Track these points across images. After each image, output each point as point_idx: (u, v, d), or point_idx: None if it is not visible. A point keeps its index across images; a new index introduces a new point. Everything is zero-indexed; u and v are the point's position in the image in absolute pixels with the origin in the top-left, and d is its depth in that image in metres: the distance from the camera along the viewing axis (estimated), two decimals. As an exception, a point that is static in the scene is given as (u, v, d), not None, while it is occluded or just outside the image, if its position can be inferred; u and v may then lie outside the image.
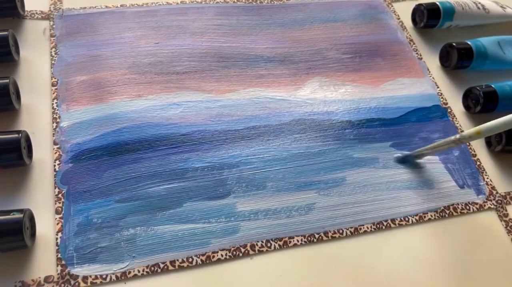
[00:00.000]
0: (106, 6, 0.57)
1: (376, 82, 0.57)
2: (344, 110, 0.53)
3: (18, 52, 0.51)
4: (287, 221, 0.44)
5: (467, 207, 0.49)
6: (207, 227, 0.43)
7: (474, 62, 0.58)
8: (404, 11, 0.66)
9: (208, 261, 0.41)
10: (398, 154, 0.51)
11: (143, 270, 0.40)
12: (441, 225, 0.47)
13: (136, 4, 0.58)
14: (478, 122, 0.55)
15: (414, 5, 0.64)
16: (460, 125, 0.55)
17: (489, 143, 0.54)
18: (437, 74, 0.60)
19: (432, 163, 0.51)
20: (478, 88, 0.55)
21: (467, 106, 0.57)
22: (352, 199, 0.47)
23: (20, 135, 0.42)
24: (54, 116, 0.47)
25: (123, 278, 0.39)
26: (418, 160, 0.50)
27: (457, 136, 0.44)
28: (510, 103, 0.54)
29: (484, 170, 0.52)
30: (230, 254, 0.42)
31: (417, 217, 0.47)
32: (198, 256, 0.41)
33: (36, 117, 0.47)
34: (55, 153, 0.45)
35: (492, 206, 0.49)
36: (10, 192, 0.43)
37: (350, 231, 0.45)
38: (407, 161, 0.50)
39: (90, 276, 0.39)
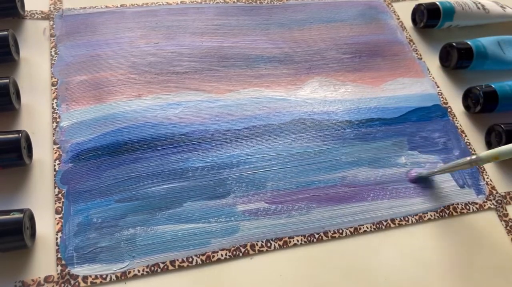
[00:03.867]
0: (106, 6, 0.57)
1: (376, 82, 0.57)
2: (344, 110, 0.53)
3: (18, 52, 0.51)
4: (287, 221, 0.44)
5: (467, 207, 0.49)
6: (207, 227, 0.43)
7: (474, 62, 0.58)
8: (404, 11, 0.66)
9: (208, 261, 0.41)
10: (413, 173, 0.50)
11: (143, 270, 0.40)
12: (441, 225, 0.47)
13: (136, 4, 0.58)
14: (478, 122, 0.55)
15: (414, 5, 0.64)
16: (460, 125, 0.55)
17: (489, 143, 0.54)
18: (437, 74, 0.60)
19: (433, 163, 0.51)
20: (478, 88, 0.55)
21: (467, 106, 0.57)
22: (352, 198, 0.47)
23: (20, 135, 0.42)
24: (54, 116, 0.47)
25: (123, 278, 0.39)
26: (432, 178, 0.50)
27: (474, 157, 0.43)
28: (510, 103, 0.54)
29: (484, 170, 0.52)
30: (230, 254, 0.42)
31: (417, 217, 0.47)
32: (198, 256, 0.41)
33: (36, 117, 0.47)
34: (55, 153, 0.45)
35: (492, 206, 0.49)
36: (10, 192, 0.43)
37: (350, 231, 0.45)
38: (421, 181, 0.49)
39: (90, 276, 0.39)
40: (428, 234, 0.46)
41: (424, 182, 0.49)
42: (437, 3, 0.62)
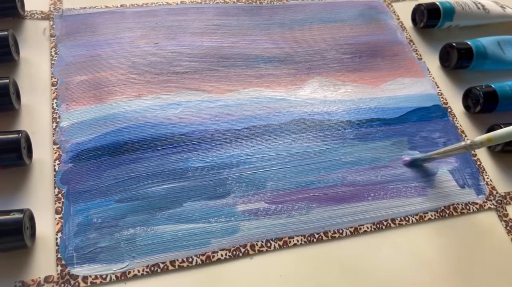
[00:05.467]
0: (106, 6, 0.57)
1: (376, 82, 0.57)
2: (344, 110, 0.53)
3: (18, 52, 0.51)
4: (287, 220, 0.44)
5: (467, 207, 0.49)
6: (207, 227, 0.43)
7: (474, 62, 0.58)
8: (404, 11, 0.66)
9: (208, 261, 0.41)
10: (406, 157, 0.50)
11: (143, 270, 0.40)
12: (441, 225, 0.47)
13: (136, 4, 0.58)
14: (478, 122, 0.55)
15: (414, 5, 0.64)
16: (460, 125, 0.55)
17: (489, 143, 0.54)
18: (437, 74, 0.60)
19: (433, 163, 0.51)
20: (478, 88, 0.55)
21: (467, 106, 0.57)
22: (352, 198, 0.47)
23: (20, 135, 0.42)
24: (54, 116, 0.47)
25: (123, 278, 0.39)
26: (426, 164, 0.50)
27: (468, 141, 0.44)
28: (510, 103, 0.54)
29: (484, 170, 0.52)
30: (230, 254, 0.42)
31: (417, 217, 0.47)
32: (198, 256, 0.41)
33: (36, 117, 0.47)
34: (55, 153, 0.45)
35: (492, 206, 0.49)
36: (10, 192, 0.43)
37: (350, 231, 0.45)
38: (415, 165, 0.50)
39: (90, 276, 0.39)
40: (428, 234, 0.46)
41: (417, 168, 0.50)
42: (437, 3, 0.62)
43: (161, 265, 0.40)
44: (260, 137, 0.49)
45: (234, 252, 0.42)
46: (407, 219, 0.47)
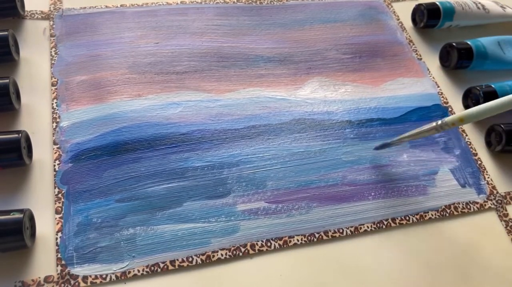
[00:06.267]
0: (106, 6, 0.57)
1: (376, 82, 0.57)
2: (344, 110, 0.53)
3: (18, 52, 0.51)
4: (287, 220, 0.44)
5: (468, 207, 0.48)
6: (207, 227, 0.43)
7: (474, 62, 0.58)
8: (404, 12, 0.66)
9: (208, 260, 0.41)
10: (376, 144, 0.50)
11: (143, 270, 0.40)
12: (441, 224, 0.47)
13: (136, 4, 0.58)
14: (478, 122, 0.55)
15: (414, 5, 0.64)
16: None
17: (489, 143, 0.54)
18: (437, 74, 0.60)
19: (433, 162, 0.51)
20: (478, 88, 0.55)
21: (467, 106, 0.57)
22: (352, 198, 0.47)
23: (20, 135, 0.42)
24: (54, 116, 0.47)
25: (123, 278, 0.39)
26: (397, 146, 0.50)
27: (439, 122, 0.42)
28: (510, 103, 0.54)
29: (485, 169, 0.52)
30: (230, 253, 0.42)
31: (417, 216, 0.47)
32: (198, 255, 0.41)
33: (36, 117, 0.47)
34: (55, 153, 0.45)
35: (492, 206, 0.49)
36: (10, 192, 0.42)
37: (350, 231, 0.45)
38: (385, 148, 0.50)
39: (90, 276, 0.39)
40: (429, 233, 0.46)
41: (389, 150, 0.50)
42: (437, 3, 0.62)
43: (161, 265, 0.40)
44: (260, 136, 0.49)
45: (234, 252, 0.42)
46: (407, 218, 0.46)
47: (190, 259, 0.41)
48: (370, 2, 0.66)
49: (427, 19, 0.62)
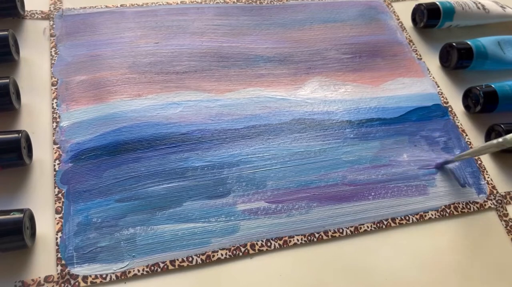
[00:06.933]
0: (106, 6, 0.57)
1: (376, 82, 0.57)
2: (344, 110, 0.53)
3: (18, 52, 0.51)
4: (287, 220, 0.44)
5: (468, 206, 0.48)
6: (207, 227, 0.43)
7: (474, 62, 0.58)
8: (404, 11, 0.66)
9: (208, 260, 0.41)
10: (439, 160, 0.50)
11: (143, 270, 0.40)
12: (441, 224, 0.47)
13: (136, 4, 0.58)
14: (479, 122, 0.55)
15: (414, 5, 0.64)
16: (461, 124, 0.55)
17: (489, 142, 0.54)
18: (437, 74, 0.60)
19: (433, 162, 0.51)
20: (478, 88, 0.55)
21: (467, 106, 0.57)
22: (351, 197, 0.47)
23: (20, 135, 0.42)
24: (54, 115, 0.47)
25: (123, 277, 0.39)
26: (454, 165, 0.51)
27: (500, 139, 0.43)
28: (510, 103, 0.54)
29: (485, 169, 0.52)
30: (230, 253, 0.42)
31: (417, 216, 0.47)
32: (198, 255, 0.41)
33: (36, 117, 0.47)
34: (55, 152, 0.45)
35: (492, 206, 0.49)
36: (10, 192, 0.42)
37: (350, 230, 0.45)
38: (445, 166, 0.50)
39: (90, 276, 0.39)
40: (429, 233, 0.46)
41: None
42: (437, 3, 0.62)
43: (161, 265, 0.40)
44: (260, 136, 0.49)
45: (234, 252, 0.42)
46: (407, 218, 0.46)
47: (190, 259, 0.41)
48: (370, 2, 0.66)
49: (427, 19, 0.62)
